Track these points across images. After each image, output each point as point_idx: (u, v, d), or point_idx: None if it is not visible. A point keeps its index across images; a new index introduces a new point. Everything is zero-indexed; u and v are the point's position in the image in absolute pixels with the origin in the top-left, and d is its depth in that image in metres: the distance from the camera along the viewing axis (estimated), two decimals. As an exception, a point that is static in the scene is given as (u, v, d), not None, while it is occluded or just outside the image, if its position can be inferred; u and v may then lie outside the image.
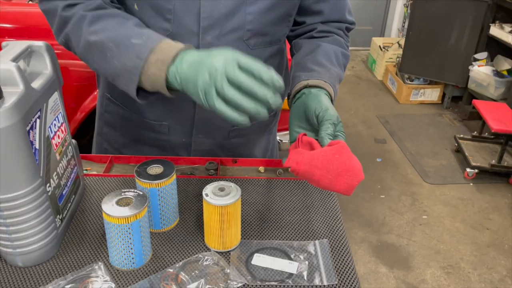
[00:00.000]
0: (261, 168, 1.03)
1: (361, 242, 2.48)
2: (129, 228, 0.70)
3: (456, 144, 3.33)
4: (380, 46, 4.75)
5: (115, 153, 1.11)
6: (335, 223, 0.86)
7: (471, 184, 3.03)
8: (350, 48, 1.04)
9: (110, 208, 0.70)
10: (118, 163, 1.03)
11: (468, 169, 3.05)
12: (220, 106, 0.67)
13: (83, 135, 2.02)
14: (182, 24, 0.88)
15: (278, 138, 2.14)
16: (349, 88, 4.52)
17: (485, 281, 2.23)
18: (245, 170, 1.03)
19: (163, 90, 0.76)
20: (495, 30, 3.61)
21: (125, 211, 0.70)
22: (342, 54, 0.98)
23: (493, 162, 2.99)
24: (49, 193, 0.73)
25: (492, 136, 3.25)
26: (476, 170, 3.03)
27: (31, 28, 2.05)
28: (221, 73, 0.66)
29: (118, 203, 0.72)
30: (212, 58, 0.68)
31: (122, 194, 0.73)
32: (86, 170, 0.99)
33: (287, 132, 0.88)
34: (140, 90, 0.79)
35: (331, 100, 0.84)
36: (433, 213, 2.74)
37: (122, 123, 1.07)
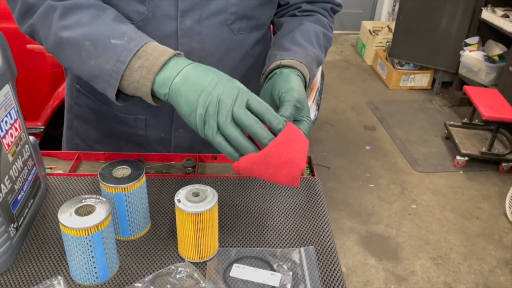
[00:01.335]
0: (243, 165, 0.95)
1: (349, 233, 2.43)
2: (89, 240, 0.62)
3: (446, 131, 3.28)
4: (370, 30, 4.66)
5: (86, 149, 1.02)
6: (322, 227, 0.78)
7: (461, 172, 2.99)
8: (339, 32, 0.98)
9: (68, 218, 0.62)
10: (86, 160, 0.95)
11: (458, 157, 3.01)
12: (220, 141, 0.64)
13: (58, 125, 1.93)
14: (158, 6, 0.80)
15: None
16: (338, 73, 4.44)
17: (475, 272, 2.21)
18: (226, 167, 0.95)
19: (147, 99, 0.69)
20: (487, 14, 3.54)
21: (85, 221, 0.61)
22: (324, 35, 0.91)
23: (483, 149, 2.95)
24: (0, 200, 0.64)
25: (483, 123, 3.21)
26: (466, 158, 3.00)
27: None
28: (228, 110, 0.61)
29: (78, 212, 0.63)
30: (217, 88, 0.62)
31: (83, 201, 0.65)
32: (50, 168, 0.90)
33: None
34: (120, 92, 0.72)
35: (306, 83, 0.78)
36: (423, 202, 2.70)
37: (93, 117, 0.98)
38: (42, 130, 1.88)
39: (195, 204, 0.66)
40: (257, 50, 0.93)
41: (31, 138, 0.77)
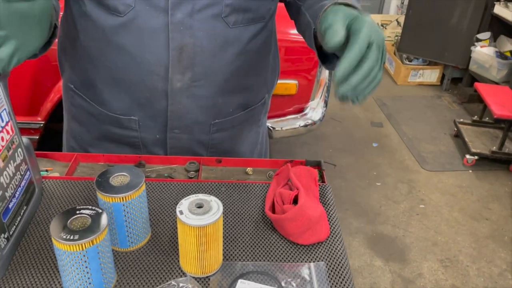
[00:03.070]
0: (249, 170, 0.90)
1: (355, 233, 2.38)
2: (84, 256, 0.58)
3: (456, 129, 3.22)
4: (378, 24, 4.58)
5: (82, 152, 0.98)
6: (334, 241, 0.73)
7: (470, 171, 2.93)
8: None
9: (60, 232, 0.57)
10: (84, 162, 0.90)
11: (467, 156, 2.95)
12: None
13: (59, 119, 1.88)
14: None
15: (269, 125, 2.00)
16: (345, 68, 4.36)
17: (484, 275, 2.15)
18: (231, 171, 0.90)
19: None
20: (499, 9, 3.45)
21: (79, 236, 0.57)
22: None
23: (494, 148, 2.89)
24: (-12, 210, 0.60)
25: (493, 121, 3.13)
26: (476, 157, 2.93)
27: None
28: None
29: (72, 224, 0.59)
30: None
31: (77, 212, 0.60)
32: (46, 171, 0.86)
33: (279, 119, 0.77)
34: None
35: None
36: (431, 201, 2.64)
37: (87, 119, 0.94)
38: (42, 125, 1.83)
39: (198, 217, 0.61)
40: (256, 46, 0.87)
41: (25, 140, 0.73)
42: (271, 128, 1.94)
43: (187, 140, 0.92)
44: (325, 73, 2.13)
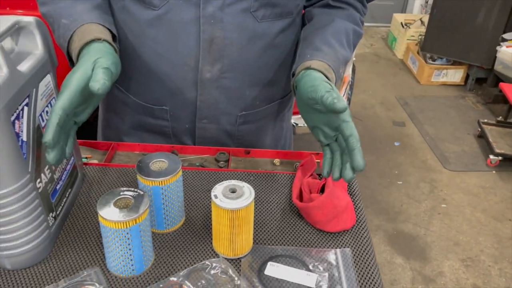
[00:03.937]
0: (276, 161, 0.94)
1: (376, 230, 2.39)
2: (127, 233, 0.62)
3: (479, 129, 3.18)
4: (401, 23, 4.55)
5: (116, 141, 1.03)
6: (360, 229, 0.77)
7: (494, 172, 2.90)
8: (369, 24, 0.96)
9: (107, 210, 0.62)
10: (121, 151, 0.95)
11: (491, 156, 2.92)
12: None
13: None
14: None
15: (292, 121, 2.03)
16: (367, 67, 4.35)
17: (506, 276, 2.14)
18: (259, 162, 0.94)
19: None
20: (527, 9, 3.40)
21: (123, 215, 0.61)
22: (354, 32, 0.89)
23: (519, 149, 2.85)
24: (40, 190, 0.65)
25: (518, 122, 3.10)
26: (500, 158, 2.90)
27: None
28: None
29: (116, 204, 0.64)
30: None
31: (121, 193, 0.65)
32: (86, 158, 0.91)
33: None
34: None
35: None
36: (453, 201, 2.63)
37: (121, 108, 0.99)
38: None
39: (232, 201, 0.65)
40: (283, 40, 0.90)
41: (70, 128, 0.78)
42: (294, 124, 1.96)
43: (215, 131, 0.96)
44: (348, 70, 2.14)
